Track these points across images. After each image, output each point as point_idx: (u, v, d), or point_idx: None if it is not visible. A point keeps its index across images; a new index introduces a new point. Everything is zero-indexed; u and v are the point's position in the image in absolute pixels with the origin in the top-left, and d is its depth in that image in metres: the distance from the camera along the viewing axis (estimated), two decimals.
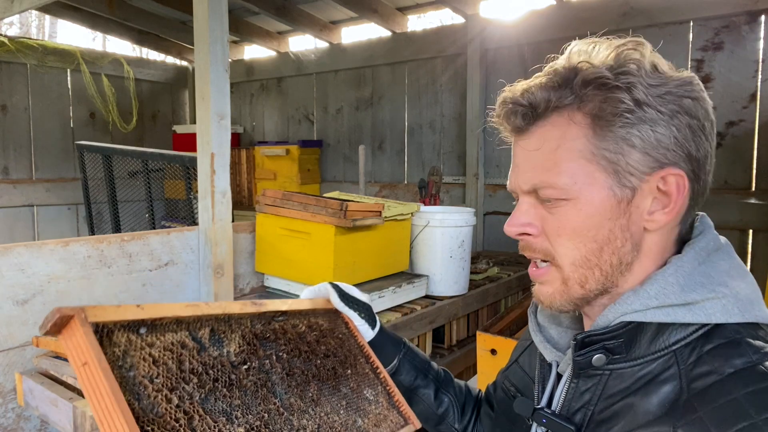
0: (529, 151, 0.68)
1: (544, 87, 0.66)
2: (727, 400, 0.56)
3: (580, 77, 0.64)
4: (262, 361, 0.73)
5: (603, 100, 0.63)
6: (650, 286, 0.64)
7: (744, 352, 0.59)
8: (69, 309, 0.57)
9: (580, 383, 0.68)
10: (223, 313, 0.73)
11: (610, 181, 0.64)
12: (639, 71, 0.63)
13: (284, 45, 4.80)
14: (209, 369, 0.66)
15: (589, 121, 0.64)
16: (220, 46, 1.82)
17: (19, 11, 2.87)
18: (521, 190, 0.70)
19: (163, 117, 5.21)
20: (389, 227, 2.12)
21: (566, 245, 0.67)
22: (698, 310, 0.62)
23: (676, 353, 0.62)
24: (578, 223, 0.65)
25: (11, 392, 1.48)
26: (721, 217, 2.79)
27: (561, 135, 0.65)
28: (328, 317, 0.90)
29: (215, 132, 1.84)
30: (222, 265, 1.91)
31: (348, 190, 3.97)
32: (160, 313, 0.65)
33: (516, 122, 0.68)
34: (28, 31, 11.57)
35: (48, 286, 1.55)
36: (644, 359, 0.64)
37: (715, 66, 2.82)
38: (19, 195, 4.20)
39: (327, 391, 0.79)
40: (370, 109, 4.29)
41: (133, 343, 0.61)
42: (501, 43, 3.46)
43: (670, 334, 0.63)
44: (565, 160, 0.65)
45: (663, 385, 0.61)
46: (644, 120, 0.63)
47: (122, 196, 3.21)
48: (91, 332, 0.57)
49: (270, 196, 2.05)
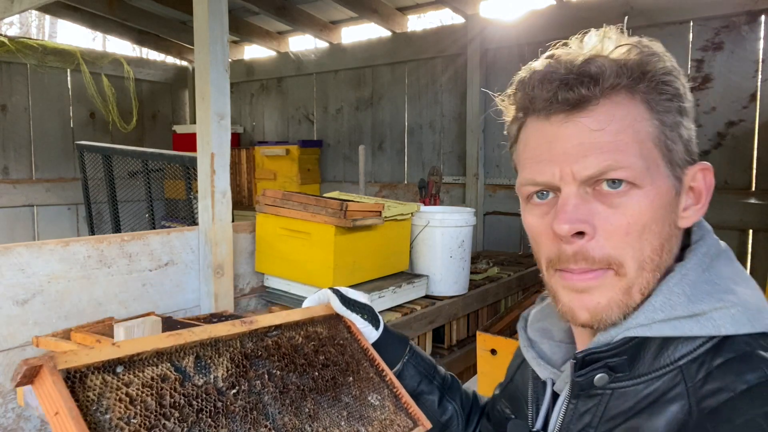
0: (591, 130, 0.58)
1: (616, 58, 0.59)
2: (744, 420, 0.51)
3: (650, 56, 0.59)
4: (253, 383, 0.71)
5: (666, 84, 0.59)
6: (655, 297, 0.59)
7: (757, 367, 0.54)
8: (36, 359, 0.55)
9: (579, 404, 0.62)
10: (209, 337, 0.70)
11: (668, 170, 0.59)
12: (675, 65, 0.61)
13: (284, 45, 4.80)
14: (192, 400, 0.64)
15: (650, 107, 0.59)
16: (220, 46, 1.82)
17: (19, 11, 2.87)
18: (575, 178, 0.58)
19: (163, 117, 5.21)
20: (389, 227, 2.12)
21: (634, 245, 0.58)
22: (706, 321, 0.57)
23: (682, 369, 0.57)
24: (648, 217, 0.58)
25: (11, 392, 1.48)
26: (721, 217, 2.80)
27: (628, 114, 0.58)
28: (327, 324, 0.88)
29: (215, 132, 1.84)
30: (222, 265, 1.91)
31: (348, 190, 3.97)
32: (137, 348, 0.63)
33: (573, 95, 0.58)
34: (28, 31, 11.57)
35: (48, 286, 1.55)
36: (648, 377, 0.58)
37: (715, 66, 2.82)
38: (19, 195, 4.20)
39: (326, 403, 0.76)
40: (370, 109, 4.29)
41: (109, 384, 0.59)
42: (501, 43, 3.46)
43: (675, 348, 0.58)
44: (638, 141, 0.58)
45: (670, 405, 0.56)
46: (687, 113, 0.61)
47: (122, 196, 3.21)
48: (61, 380, 0.55)
49: (270, 196, 2.05)
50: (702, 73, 2.86)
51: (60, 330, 1.51)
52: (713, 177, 0.62)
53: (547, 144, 0.60)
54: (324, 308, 0.90)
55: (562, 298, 0.62)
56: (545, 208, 0.62)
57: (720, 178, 2.82)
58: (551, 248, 0.61)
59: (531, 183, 0.62)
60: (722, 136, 2.81)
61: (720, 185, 2.82)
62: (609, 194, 0.58)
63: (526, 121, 0.64)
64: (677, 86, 0.60)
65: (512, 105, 0.66)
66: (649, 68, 0.59)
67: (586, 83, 0.57)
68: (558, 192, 0.60)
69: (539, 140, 0.61)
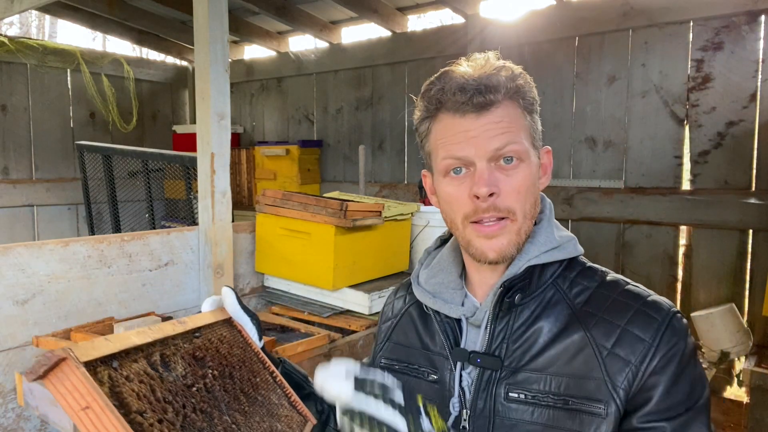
0: (494, 122, 0.81)
1: (504, 76, 0.83)
2: (611, 301, 0.83)
3: (519, 75, 0.84)
4: (204, 381, 0.74)
5: (529, 94, 0.85)
6: (537, 237, 0.87)
7: (596, 272, 0.88)
8: (60, 351, 0.54)
9: (497, 324, 0.86)
10: (164, 336, 0.73)
11: (534, 151, 0.86)
12: (530, 80, 0.88)
13: (284, 45, 4.80)
14: (175, 396, 0.66)
15: (523, 108, 0.85)
16: (220, 46, 1.82)
17: (19, 11, 2.87)
18: (487, 153, 0.81)
19: (163, 117, 5.21)
20: (389, 227, 2.12)
21: (522, 200, 0.83)
22: (562, 250, 0.87)
23: (555, 283, 0.87)
24: (529, 182, 0.83)
25: (11, 392, 1.48)
26: (721, 217, 2.80)
27: (514, 113, 0.84)
28: (227, 327, 0.89)
29: (215, 132, 1.84)
30: (222, 265, 1.91)
31: (348, 190, 3.97)
32: (124, 344, 0.64)
33: (484, 100, 0.81)
34: (28, 31, 11.57)
35: (48, 286, 1.55)
36: (536, 293, 0.86)
37: (715, 66, 2.82)
38: (19, 195, 4.20)
39: (249, 401, 0.80)
40: (370, 109, 4.29)
41: (114, 379, 0.59)
42: (501, 43, 3.46)
43: (547, 270, 0.86)
44: (521, 129, 0.84)
45: (554, 307, 0.85)
46: (538, 112, 0.88)
47: (122, 196, 3.21)
48: (88, 374, 0.54)
49: (270, 196, 2.05)
50: (702, 73, 2.86)
51: (60, 330, 1.51)
52: (552, 156, 0.92)
53: (464, 132, 0.83)
54: (220, 311, 0.91)
55: (475, 244, 0.85)
56: (460, 179, 0.84)
57: (720, 178, 2.82)
58: (467, 206, 0.83)
59: (452, 157, 0.84)
60: (722, 136, 2.81)
61: (720, 185, 2.82)
62: (506, 168, 0.82)
63: (438, 116, 0.86)
64: (534, 94, 0.87)
65: (427, 104, 0.87)
66: (519, 82, 0.84)
67: (492, 91, 0.81)
68: (471, 167, 0.83)
69: (456, 129, 0.84)
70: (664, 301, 0.82)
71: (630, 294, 0.83)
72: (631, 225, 3.12)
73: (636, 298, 0.82)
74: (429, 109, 0.87)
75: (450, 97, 0.83)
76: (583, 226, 3.25)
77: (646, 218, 3.04)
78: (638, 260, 3.11)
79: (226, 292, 0.93)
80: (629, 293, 0.84)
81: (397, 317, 1.04)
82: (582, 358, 0.80)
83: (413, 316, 1.00)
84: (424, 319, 0.97)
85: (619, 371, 0.77)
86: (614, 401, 0.77)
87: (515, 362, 0.84)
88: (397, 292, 1.09)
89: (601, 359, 0.79)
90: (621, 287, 0.85)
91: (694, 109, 2.89)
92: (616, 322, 0.80)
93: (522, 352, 0.84)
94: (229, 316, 0.91)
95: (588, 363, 0.79)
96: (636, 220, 3.09)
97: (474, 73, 0.83)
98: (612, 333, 0.80)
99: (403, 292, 1.07)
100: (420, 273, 0.99)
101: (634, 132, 3.09)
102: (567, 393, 0.79)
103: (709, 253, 2.90)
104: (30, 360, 1.50)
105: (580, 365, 0.80)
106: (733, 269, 2.84)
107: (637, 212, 3.07)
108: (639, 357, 0.77)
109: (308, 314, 1.96)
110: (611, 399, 0.77)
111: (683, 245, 3.01)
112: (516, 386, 0.83)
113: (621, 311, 0.81)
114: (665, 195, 2.97)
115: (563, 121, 3.32)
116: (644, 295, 0.83)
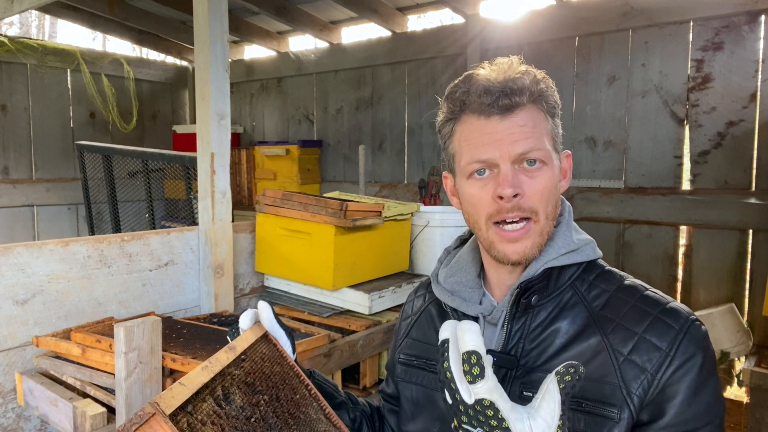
0: (519, 125, 0.82)
1: (528, 80, 0.84)
2: (629, 307, 0.83)
3: (541, 79, 0.85)
4: (258, 409, 0.75)
5: (551, 98, 0.86)
6: (556, 239, 0.87)
7: (614, 276, 0.89)
8: (149, 407, 0.57)
9: (514, 323, 0.87)
10: (221, 367, 0.75)
11: (555, 154, 0.87)
12: (552, 84, 0.88)
13: (284, 45, 4.80)
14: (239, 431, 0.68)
15: (546, 113, 0.86)
16: (220, 46, 1.82)
17: (19, 11, 2.87)
18: (511, 156, 0.82)
19: (163, 117, 5.21)
20: (389, 227, 2.12)
21: (544, 202, 0.83)
22: (581, 252, 0.88)
23: (573, 285, 0.87)
24: (552, 184, 0.84)
25: (11, 392, 1.48)
26: (721, 217, 2.80)
27: (538, 116, 0.84)
28: (265, 343, 0.90)
29: (215, 132, 1.84)
30: (222, 265, 1.91)
31: (348, 190, 3.97)
32: (196, 386, 0.66)
33: (510, 102, 0.82)
34: (28, 31, 11.57)
35: (48, 286, 1.55)
36: (554, 294, 0.86)
37: (715, 66, 2.82)
38: (19, 195, 4.20)
39: (295, 421, 0.81)
40: (370, 109, 4.29)
41: (192, 426, 0.61)
42: (501, 43, 3.46)
43: (566, 272, 0.87)
44: (544, 134, 0.85)
45: (572, 309, 0.85)
46: (559, 116, 0.89)
47: (122, 196, 3.21)
48: (174, 427, 0.57)
49: (270, 196, 2.05)
50: (702, 73, 2.86)
51: (60, 330, 1.51)
52: (572, 160, 0.93)
53: (488, 135, 0.83)
54: (258, 327, 0.92)
55: (498, 246, 0.85)
56: (484, 180, 0.84)
57: (720, 178, 2.82)
58: (491, 207, 0.84)
59: (477, 161, 0.84)
60: (722, 136, 2.81)
61: (720, 185, 2.82)
62: (529, 170, 0.83)
63: (462, 118, 0.87)
64: (556, 98, 0.87)
65: (451, 105, 0.88)
66: (542, 86, 0.85)
67: (518, 94, 0.82)
68: (494, 168, 0.83)
69: (480, 131, 0.84)
70: (683, 309, 0.82)
71: (649, 300, 0.83)
72: (631, 225, 3.12)
73: (655, 305, 0.82)
74: (453, 111, 0.88)
75: (475, 99, 0.83)
76: (583, 226, 3.20)
77: (646, 218, 3.05)
78: (638, 260, 3.11)
79: (262, 306, 0.94)
80: (648, 300, 0.83)
81: (416, 315, 1.06)
82: (598, 362, 0.80)
83: (432, 313, 1.02)
84: (443, 316, 0.98)
85: (635, 378, 0.77)
86: (628, 407, 0.77)
87: (531, 362, 0.84)
88: (417, 291, 1.11)
89: (617, 365, 0.79)
90: (640, 293, 0.85)
91: (694, 109, 2.89)
92: (633, 329, 0.80)
93: (538, 353, 0.84)
94: (265, 331, 0.92)
95: (604, 367, 0.79)
96: (636, 220, 3.09)
97: (498, 77, 0.84)
98: (629, 340, 0.80)
99: (423, 290, 1.09)
100: (439, 271, 1.00)
101: (634, 132, 3.09)
102: (581, 395, 0.79)
103: (709, 253, 2.90)
104: (30, 360, 1.50)
105: (596, 369, 0.79)
106: (733, 269, 2.84)
107: (637, 212, 3.07)
108: (655, 365, 0.77)
109: (308, 314, 1.96)
110: (625, 404, 0.77)
111: (683, 245, 3.01)
112: (530, 386, 0.82)
113: (639, 318, 0.81)
114: (665, 195, 2.97)
115: (563, 121, 3.30)
116: (663, 302, 0.83)
